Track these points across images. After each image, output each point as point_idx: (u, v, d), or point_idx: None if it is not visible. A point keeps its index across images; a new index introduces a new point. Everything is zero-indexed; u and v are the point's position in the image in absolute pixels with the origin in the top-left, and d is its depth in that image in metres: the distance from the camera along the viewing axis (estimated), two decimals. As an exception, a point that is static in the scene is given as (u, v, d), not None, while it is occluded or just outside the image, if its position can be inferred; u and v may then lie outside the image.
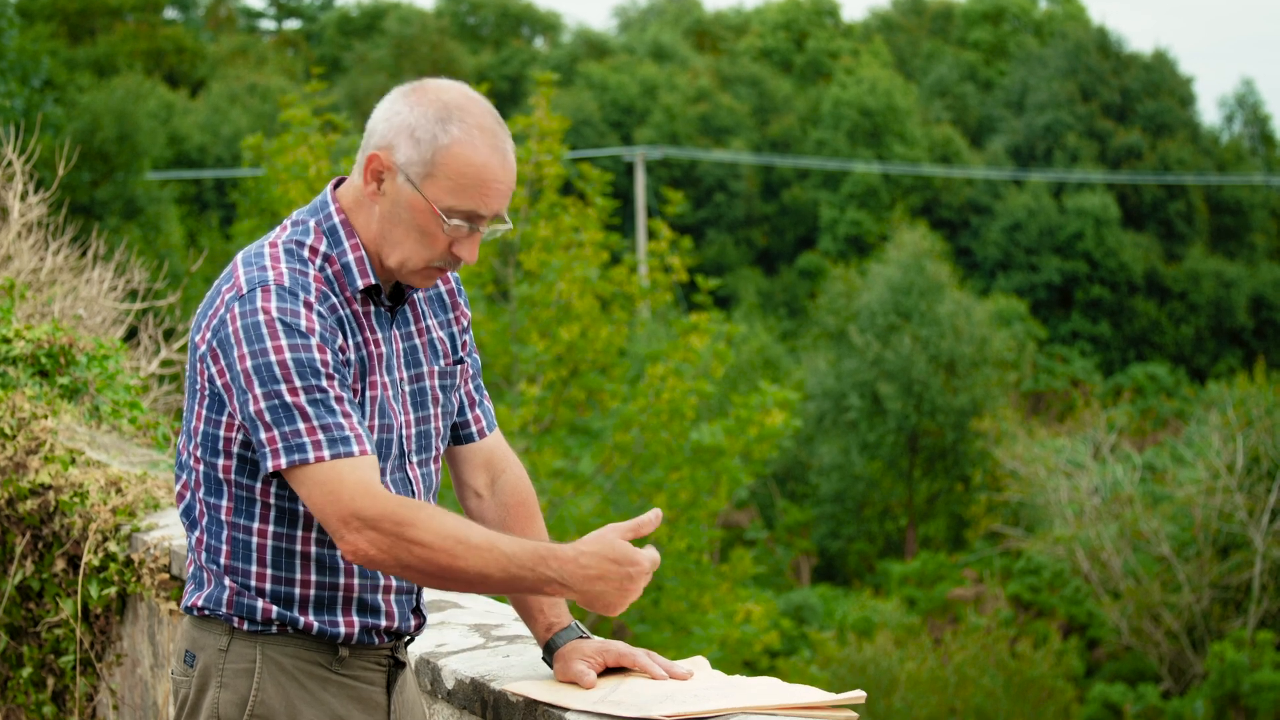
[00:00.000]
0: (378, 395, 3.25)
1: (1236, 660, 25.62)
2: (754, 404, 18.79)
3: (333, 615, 3.25)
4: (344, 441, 3.08)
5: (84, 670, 5.71)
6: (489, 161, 3.18)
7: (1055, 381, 46.39)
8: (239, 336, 3.10)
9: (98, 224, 15.56)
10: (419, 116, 3.19)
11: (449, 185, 3.17)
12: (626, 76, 57.28)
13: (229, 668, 3.23)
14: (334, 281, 3.22)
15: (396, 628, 3.32)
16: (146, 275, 9.04)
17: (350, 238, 3.25)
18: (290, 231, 3.26)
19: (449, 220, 3.17)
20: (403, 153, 3.19)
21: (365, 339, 3.24)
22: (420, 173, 3.18)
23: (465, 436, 3.55)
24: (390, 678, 3.36)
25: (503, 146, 3.22)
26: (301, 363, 3.08)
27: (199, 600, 3.27)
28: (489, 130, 3.21)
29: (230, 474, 3.21)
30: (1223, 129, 60.52)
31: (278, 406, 3.07)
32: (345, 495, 3.05)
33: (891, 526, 38.11)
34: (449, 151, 3.17)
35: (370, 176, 3.23)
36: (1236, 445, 29.23)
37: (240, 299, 3.13)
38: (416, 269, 3.23)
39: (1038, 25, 64.53)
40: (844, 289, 41.89)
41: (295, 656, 3.24)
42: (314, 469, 3.06)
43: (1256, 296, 51.41)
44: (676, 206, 20.36)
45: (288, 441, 3.07)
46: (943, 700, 23.04)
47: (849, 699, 3.14)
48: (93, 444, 6.10)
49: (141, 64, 51.29)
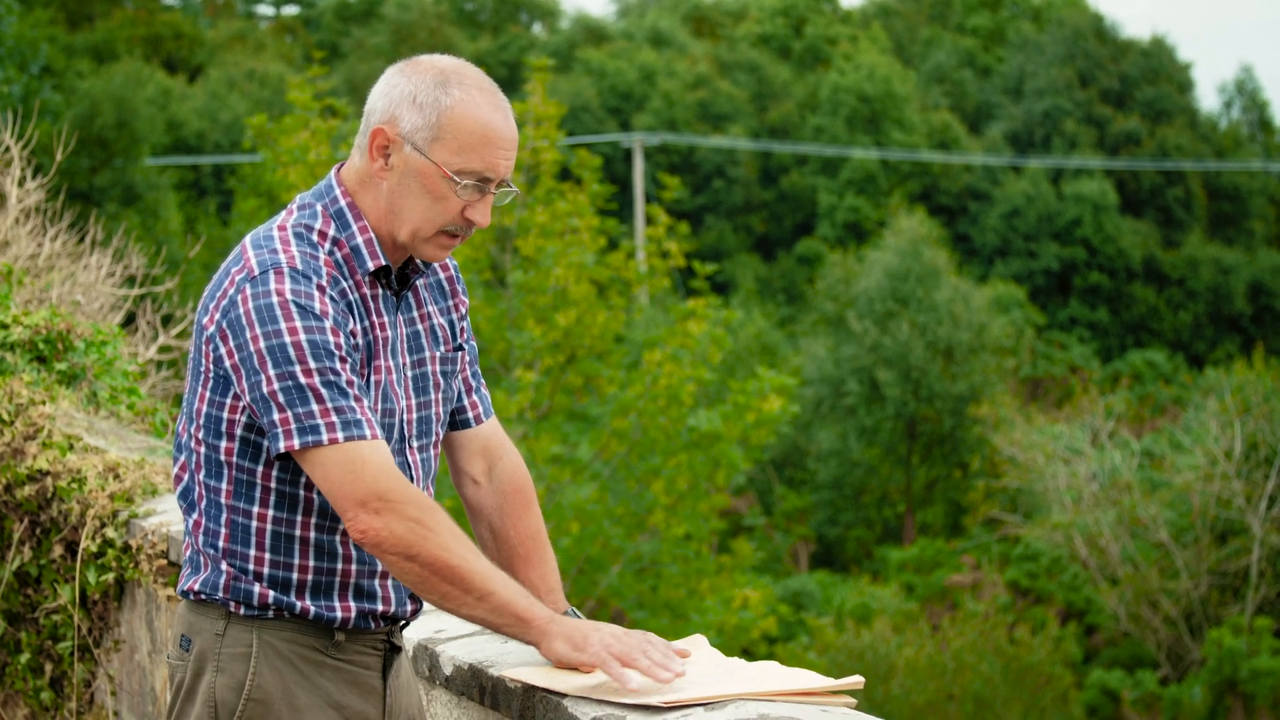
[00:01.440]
0: (382, 379, 3.25)
1: (1234, 646, 25.65)
2: (752, 390, 18.78)
3: (329, 600, 3.25)
4: (356, 425, 3.08)
5: (82, 656, 5.71)
6: (492, 119, 3.20)
7: (1053, 368, 46.41)
8: (251, 318, 3.09)
9: (96, 210, 15.55)
10: (418, 84, 3.21)
11: (456, 145, 3.18)
12: (625, 62, 57.24)
13: (225, 652, 3.23)
14: (343, 265, 3.22)
15: (393, 612, 3.32)
16: (144, 261, 9.04)
17: (358, 220, 3.25)
18: (298, 215, 3.26)
19: (460, 182, 3.18)
20: (407, 121, 3.20)
21: (372, 323, 3.24)
22: (427, 137, 3.19)
23: (462, 422, 3.55)
24: (386, 662, 3.35)
25: (504, 106, 3.25)
26: (316, 345, 3.08)
27: (195, 584, 3.27)
28: (489, 90, 3.24)
29: (232, 456, 3.21)
30: (1221, 115, 60.51)
31: (291, 388, 3.06)
32: (369, 475, 3.06)
33: (890, 513, 38.13)
34: (453, 112, 3.18)
35: (376, 152, 3.23)
36: (1234, 431, 29.24)
37: (252, 280, 3.12)
38: (429, 237, 3.23)
39: (1036, 11, 64.47)
40: (842, 275, 41.87)
41: (292, 641, 3.23)
42: (329, 450, 3.06)
43: (1254, 283, 51.42)
44: (674, 192, 20.35)
45: (301, 423, 3.06)
46: (940, 686, 23.06)
47: (847, 684, 3.14)
48: (90, 430, 6.10)
49: (140, 50, 51.22)
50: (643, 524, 18.72)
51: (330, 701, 3.26)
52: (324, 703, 3.25)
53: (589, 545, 17.84)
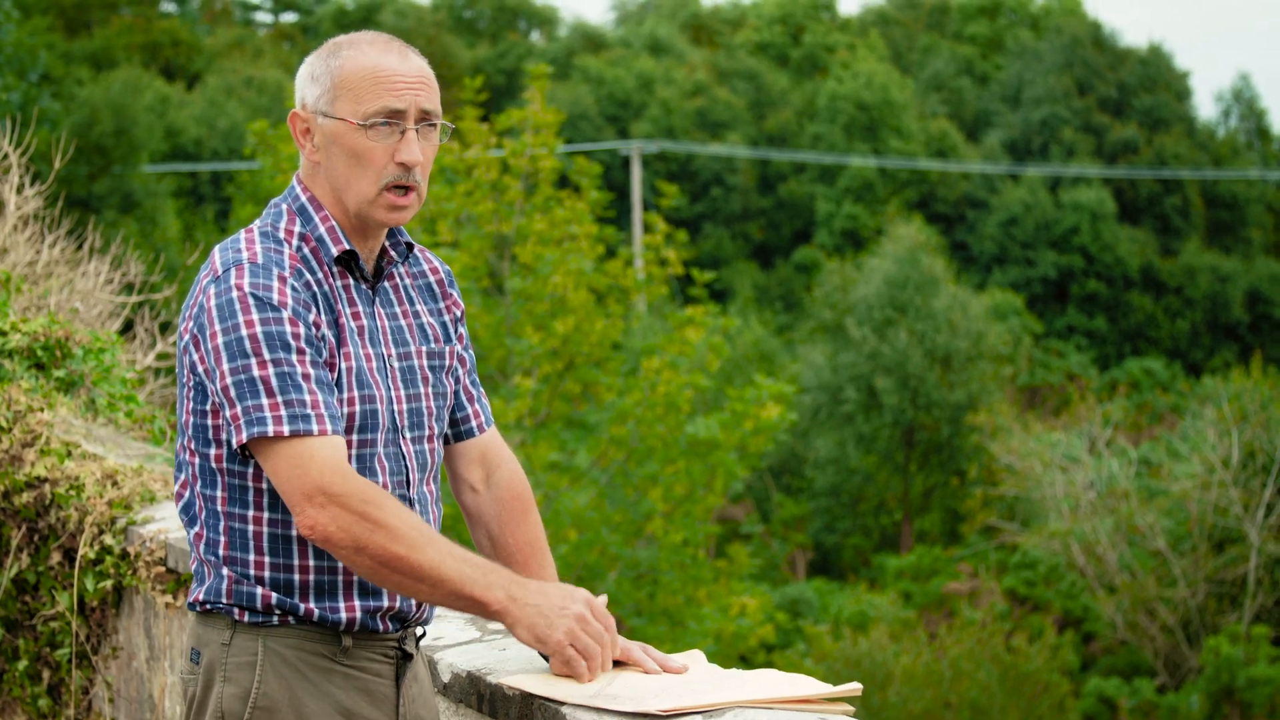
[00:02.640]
0: (354, 366, 3.23)
1: (1231, 655, 25.65)
2: (749, 398, 18.78)
3: (333, 601, 3.24)
4: (304, 419, 3.08)
5: (80, 663, 5.71)
6: (380, 60, 3.23)
7: (1051, 376, 46.41)
8: (213, 315, 3.12)
9: (94, 217, 15.55)
10: (313, 62, 3.30)
11: (352, 95, 3.21)
12: (623, 70, 57.28)
13: (231, 661, 3.22)
14: (311, 259, 3.24)
15: (399, 608, 3.30)
16: (143, 268, 9.04)
17: (319, 211, 3.28)
18: (265, 218, 3.30)
19: (366, 124, 3.20)
20: (310, 95, 3.27)
21: (341, 311, 3.25)
22: (328, 101, 3.24)
23: (466, 432, 3.55)
24: (399, 670, 3.34)
25: (399, 50, 3.27)
26: (271, 336, 3.09)
27: (200, 594, 3.27)
28: (380, 42, 3.28)
29: (222, 463, 3.21)
30: (1219, 123, 60.55)
31: (244, 381, 3.08)
32: (314, 470, 3.06)
33: (887, 520, 38.12)
34: (342, 70, 3.24)
35: (301, 138, 3.30)
36: (1232, 440, 29.26)
37: (216, 280, 3.15)
38: (373, 198, 3.25)
39: (1034, 19, 64.54)
40: (840, 283, 41.88)
41: (298, 648, 3.23)
42: (278, 444, 3.07)
43: (1252, 291, 51.45)
44: (672, 200, 20.35)
45: (249, 415, 3.07)
46: (938, 694, 23.05)
47: (845, 691, 3.14)
48: (89, 437, 6.10)
49: (138, 57, 51.25)
50: (640, 531, 18.72)
51: (339, 709, 3.24)
52: (333, 710, 3.23)
53: (586, 552, 17.83)
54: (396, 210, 3.25)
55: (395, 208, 3.25)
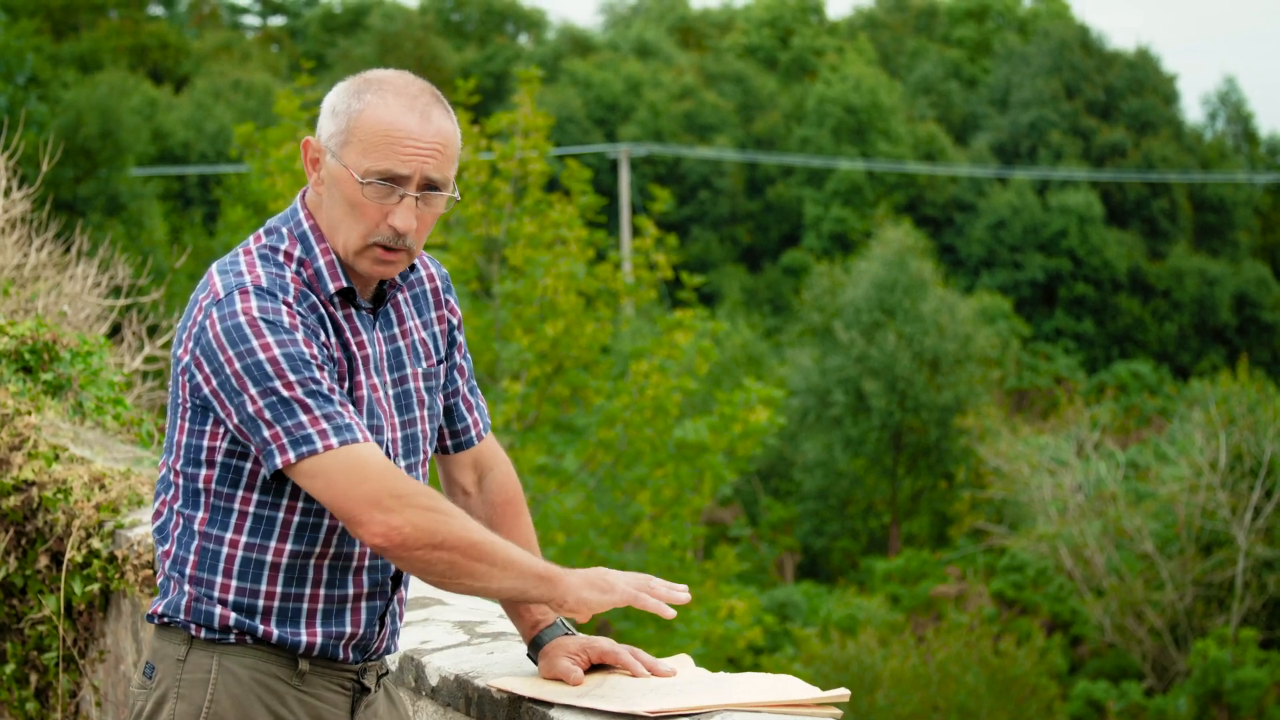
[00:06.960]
0: (364, 396, 3.21)
1: (1219, 658, 25.68)
2: (738, 401, 18.81)
3: (295, 627, 3.20)
4: (348, 429, 3.05)
5: (67, 667, 5.70)
6: (400, 120, 3.14)
7: (1039, 379, 46.46)
8: (221, 340, 3.06)
9: (81, 220, 15.54)
10: (339, 93, 3.22)
11: (361, 147, 3.13)
12: (611, 73, 57.26)
13: (185, 678, 3.18)
14: (310, 285, 3.19)
15: (361, 635, 3.26)
16: (130, 272, 9.02)
17: (320, 243, 3.21)
18: (265, 240, 3.23)
19: (364, 181, 3.12)
20: (325, 129, 3.20)
21: (348, 340, 3.21)
22: (339, 142, 3.17)
23: (466, 442, 3.53)
24: (354, 703, 3.29)
25: (423, 109, 3.17)
26: (292, 357, 3.05)
27: (160, 607, 3.24)
28: (409, 95, 3.18)
29: (210, 484, 3.17)
30: (1206, 127, 60.64)
31: (276, 403, 3.03)
32: (375, 475, 3.02)
33: (875, 523, 38.14)
34: (361, 115, 3.15)
35: (309, 165, 3.24)
36: (1219, 443, 29.29)
37: (218, 303, 3.10)
38: (357, 249, 3.18)
39: (1022, 23, 64.59)
40: (828, 286, 41.88)
41: (253, 669, 3.18)
42: (326, 457, 3.02)
43: (1239, 294, 51.53)
44: (664, 205, 20.33)
45: (293, 435, 3.03)
46: (926, 698, 23.06)
47: (834, 697, 3.14)
48: (76, 440, 6.09)
49: (125, 60, 51.18)
50: (628, 534, 18.74)
51: None
52: None
53: (574, 555, 17.84)
54: (382, 264, 3.20)
55: (381, 262, 3.19)
